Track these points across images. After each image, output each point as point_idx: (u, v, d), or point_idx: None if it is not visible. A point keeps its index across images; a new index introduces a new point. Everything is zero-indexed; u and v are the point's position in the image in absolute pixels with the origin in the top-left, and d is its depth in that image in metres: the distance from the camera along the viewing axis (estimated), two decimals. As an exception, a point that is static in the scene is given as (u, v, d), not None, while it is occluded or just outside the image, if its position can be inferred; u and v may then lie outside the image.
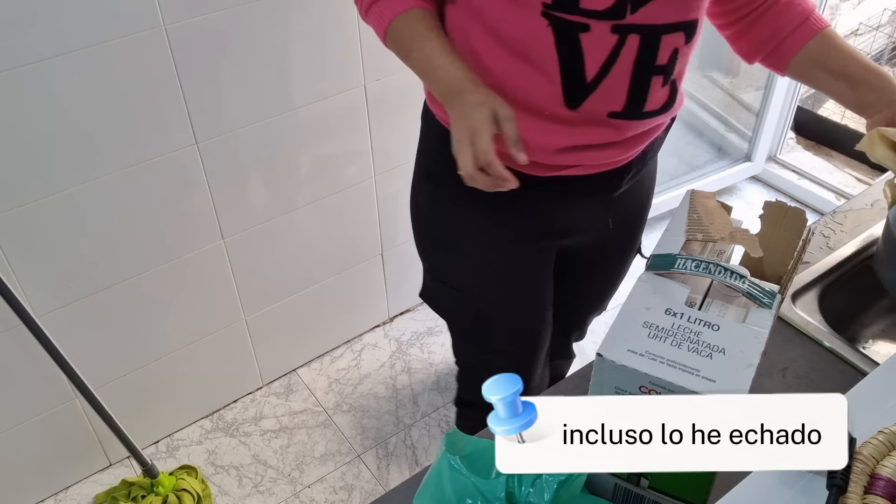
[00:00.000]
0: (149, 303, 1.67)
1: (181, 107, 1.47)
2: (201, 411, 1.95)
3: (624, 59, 0.91)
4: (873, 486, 0.55)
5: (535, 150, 0.93)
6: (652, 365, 0.61)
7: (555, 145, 0.97)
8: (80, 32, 1.28)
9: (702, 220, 0.73)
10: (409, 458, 1.85)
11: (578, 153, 0.99)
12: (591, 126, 0.96)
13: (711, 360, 0.61)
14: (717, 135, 2.64)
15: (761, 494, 0.59)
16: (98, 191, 1.46)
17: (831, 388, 0.87)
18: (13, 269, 1.44)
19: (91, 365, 1.62)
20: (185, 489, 1.69)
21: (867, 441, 0.58)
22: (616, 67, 0.91)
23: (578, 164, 1.00)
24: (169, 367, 1.79)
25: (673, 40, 0.92)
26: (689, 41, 0.95)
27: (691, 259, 0.68)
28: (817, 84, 1.02)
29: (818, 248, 1.07)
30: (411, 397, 1.99)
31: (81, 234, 1.50)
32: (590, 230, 1.16)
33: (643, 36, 0.90)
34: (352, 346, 2.11)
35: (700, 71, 2.59)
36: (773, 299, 0.66)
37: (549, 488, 0.70)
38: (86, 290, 1.57)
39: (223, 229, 1.68)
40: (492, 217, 1.09)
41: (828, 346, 0.92)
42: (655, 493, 0.69)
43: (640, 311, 0.65)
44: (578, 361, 2.07)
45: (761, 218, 0.76)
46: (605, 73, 0.92)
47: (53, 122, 1.35)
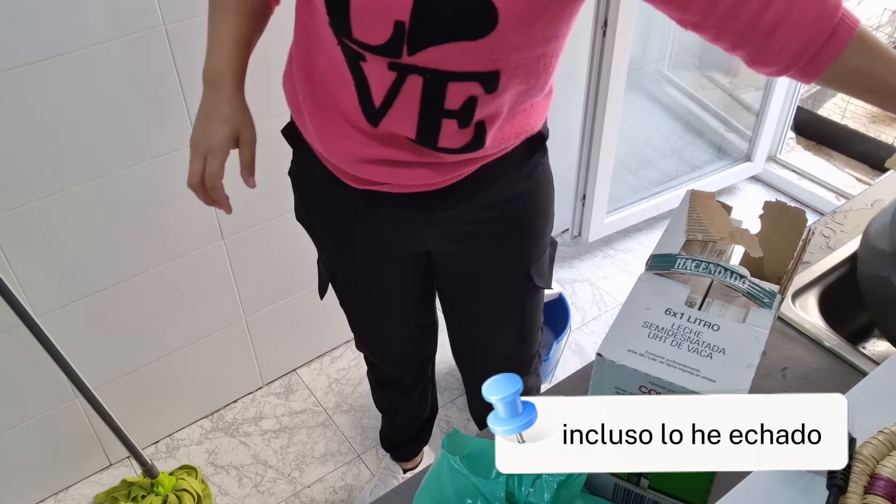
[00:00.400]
0: (149, 303, 1.67)
1: (181, 107, 1.47)
2: (201, 411, 1.95)
3: (407, 96, 0.88)
4: (873, 486, 0.55)
5: (344, 156, 0.99)
6: (652, 365, 0.61)
7: (361, 155, 0.97)
8: (80, 32, 1.28)
9: (702, 220, 0.73)
10: (409, 458, 1.85)
11: (385, 168, 0.98)
12: (394, 144, 0.95)
13: (711, 360, 0.61)
14: (717, 135, 2.64)
15: (761, 494, 0.59)
16: (98, 190, 1.46)
17: (831, 388, 0.87)
18: (13, 269, 1.44)
19: (91, 365, 1.62)
20: (185, 489, 1.69)
21: (867, 441, 0.58)
22: (400, 102, 0.89)
23: (386, 181, 0.99)
24: (169, 367, 1.80)
25: (465, 88, 0.88)
26: (493, 91, 0.89)
27: (691, 259, 0.68)
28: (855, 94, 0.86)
29: (818, 248, 1.07)
30: (411, 397, 1.99)
31: (81, 234, 1.50)
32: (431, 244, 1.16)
33: (426, 79, 0.86)
34: (352, 345, 2.10)
35: (700, 71, 2.59)
36: (773, 299, 0.66)
37: (549, 488, 0.70)
38: (86, 290, 1.57)
39: (223, 229, 1.68)
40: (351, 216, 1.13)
41: (828, 346, 0.92)
42: (655, 493, 0.69)
43: (640, 311, 0.65)
44: (579, 361, 2.08)
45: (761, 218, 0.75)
46: (391, 104, 0.90)
47: (53, 122, 1.35)
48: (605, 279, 2.35)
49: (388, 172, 0.99)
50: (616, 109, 2.10)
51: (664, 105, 2.55)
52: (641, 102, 2.46)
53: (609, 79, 2.02)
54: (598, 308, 2.25)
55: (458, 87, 0.87)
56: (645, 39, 2.33)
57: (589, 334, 2.17)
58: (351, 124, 0.95)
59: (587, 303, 2.27)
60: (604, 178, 2.23)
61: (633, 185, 2.49)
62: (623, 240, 2.49)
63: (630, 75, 2.10)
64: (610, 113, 2.09)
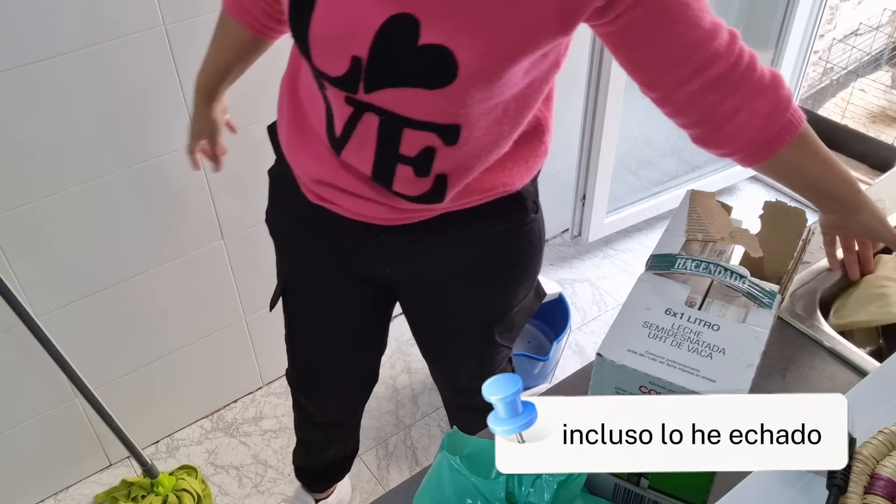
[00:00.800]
0: (149, 303, 1.67)
1: (181, 107, 1.46)
2: (201, 411, 1.95)
3: (363, 132, 0.86)
4: (873, 486, 0.55)
5: (305, 171, 0.99)
6: (652, 365, 0.61)
7: (321, 176, 0.97)
8: (80, 32, 1.28)
9: (702, 220, 0.73)
10: (409, 458, 1.85)
11: (339, 193, 0.97)
12: (353, 175, 0.93)
13: (711, 360, 0.61)
14: (717, 135, 2.64)
15: (761, 494, 0.59)
16: (98, 190, 1.46)
17: (831, 388, 0.87)
18: (13, 269, 1.44)
19: (91, 365, 1.62)
20: (185, 489, 1.69)
21: (867, 441, 0.58)
22: (356, 137, 0.88)
23: (338, 203, 0.98)
24: (169, 367, 1.79)
25: (421, 137, 0.85)
26: (452, 144, 0.85)
27: (691, 259, 0.68)
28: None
29: (818, 248, 1.07)
30: (411, 397, 1.99)
31: (81, 234, 1.50)
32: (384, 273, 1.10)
33: (382, 120, 0.84)
34: (352, 346, 2.11)
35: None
36: (773, 299, 0.66)
37: (549, 488, 0.70)
38: (86, 290, 1.57)
39: (223, 229, 1.68)
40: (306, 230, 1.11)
41: (828, 346, 0.92)
42: (655, 493, 0.69)
43: (640, 311, 0.65)
44: (579, 361, 2.08)
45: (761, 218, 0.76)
46: (349, 137, 0.88)
47: (53, 122, 1.35)
48: (605, 279, 2.35)
49: (341, 197, 0.97)
50: (616, 109, 2.10)
51: (664, 105, 2.55)
52: (641, 102, 2.44)
53: (609, 79, 2.02)
54: (598, 308, 2.25)
55: (413, 135, 0.85)
56: (645, 39, 2.32)
57: (589, 334, 2.17)
58: (321, 144, 0.94)
59: (587, 303, 2.27)
60: (604, 178, 2.23)
61: (633, 185, 2.49)
62: (623, 240, 2.49)
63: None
64: (610, 113, 2.09)
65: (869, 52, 2.98)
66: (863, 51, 2.94)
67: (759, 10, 2.46)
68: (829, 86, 2.99)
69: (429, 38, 0.76)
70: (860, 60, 2.98)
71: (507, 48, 0.77)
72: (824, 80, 2.95)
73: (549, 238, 2.49)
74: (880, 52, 3.06)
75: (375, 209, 0.96)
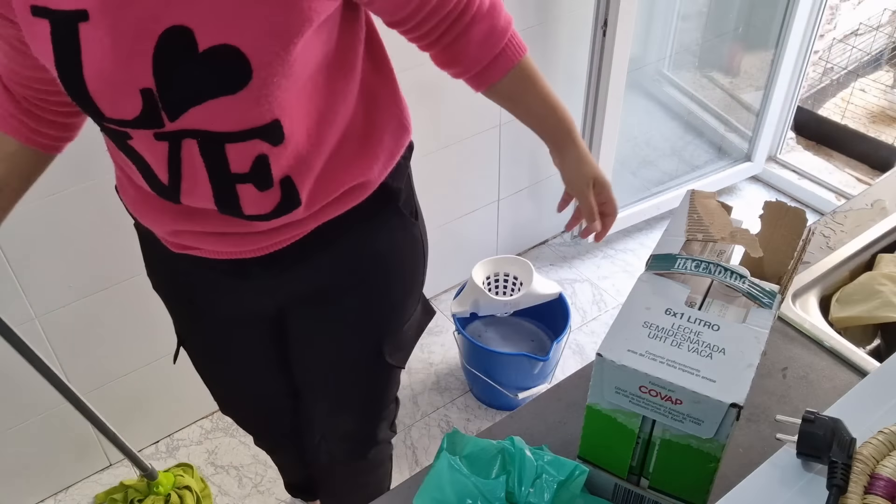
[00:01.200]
0: (149, 302, 1.66)
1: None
2: (201, 411, 1.95)
3: (189, 164, 0.81)
4: (873, 486, 0.55)
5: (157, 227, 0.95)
6: (652, 365, 0.61)
7: (171, 227, 0.92)
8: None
9: (702, 220, 0.73)
10: (409, 458, 1.85)
11: (198, 237, 0.92)
12: (203, 216, 0.89)
13: (711, 360, 0.61)
14: (717, 135, 2.64)
15: (761, 494, 0.59)
16: (98, 190, 1.46)
17: (831, 388, 0.87)
18: (13, 270, 1.44)
19: (91, 365, 1.62)
20: (186, 486, 1.69)
21: (867, 441, 0.58)
22: (186, 173, 0.82)
23: (200, 246, 0.94)
24: (169, 368, 1.79)
25: (248, 148, 0.80)
26: (280, 143, 0.81)
27: (691, 259, 0.68)
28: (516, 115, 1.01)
29: (818, 248, 1.07)
30: (411, 397, 1.99)
31: (81, 235, 1.50)
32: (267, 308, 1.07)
33: (200, 142, 0.79)
34: (352, 346, 2.11)
35: (700, 71, 2.59)
36: (773, 299, 0.66)
37: (549, 488, 0.70)
38: (86, 290, 1.57)
39: (223, 229, 1.68)
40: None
41: (828, 346, 0.92)
42: (655, 493, 0.69)
43: (640, 311, 0.65)
44: (579, 361, 2.08)
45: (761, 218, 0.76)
46: (179, 178, 0.83)
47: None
48: (605, 279, 2.35)
49: (202, 240, 0.93)
50: (616, 109, 2.10)
51: (664, 105, 2.55)
52: (641, 102, 2.46)
53: (609, 79, 2.02)
54: (598, 308, 2.25)
55: (238, 149, 0.80)
56: (645, 39, 2.32)
57: (589, 334, 2.17)
58: (157, 199, 0.89)
59: (587, 303, 2.27)
60: (604, 178, 2.23)
61: (633, 185, 2.49)
62: (623, 240, 2.49)
63: (630, 75, 2.10)
64: (610, 113, 2.09)
65: (869, 52, 2.98)
66: (863, 51, 2.94)
67: (759, 10, 2.46)
68: (830, 86, 2.99)
69: (208, 42, 0.72)
70: (860, 60, 2.98)
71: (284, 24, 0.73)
72: (824, 80, 2.95)
73: (549, 238, 2.49)
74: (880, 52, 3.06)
75: (239, 242, 0.92)
